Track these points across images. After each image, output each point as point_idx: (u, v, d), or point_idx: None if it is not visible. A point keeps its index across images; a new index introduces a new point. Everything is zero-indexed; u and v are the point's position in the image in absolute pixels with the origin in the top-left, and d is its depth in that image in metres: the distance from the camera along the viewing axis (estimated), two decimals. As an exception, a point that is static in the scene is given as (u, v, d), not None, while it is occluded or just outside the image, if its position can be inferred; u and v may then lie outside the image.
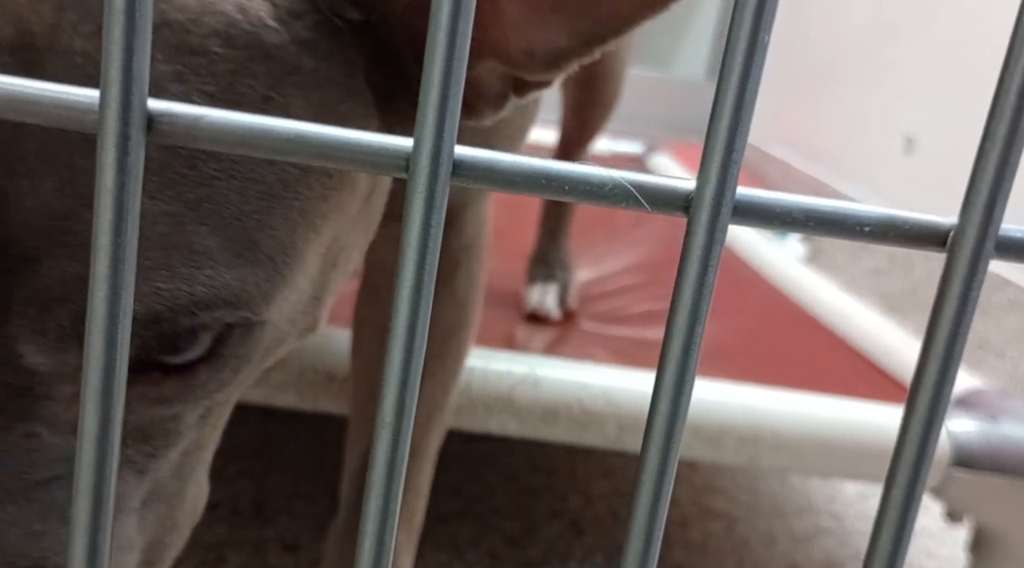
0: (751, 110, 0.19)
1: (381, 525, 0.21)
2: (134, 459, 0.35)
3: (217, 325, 0.33)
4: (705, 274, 0.20)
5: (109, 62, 0.18)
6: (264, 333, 0.36)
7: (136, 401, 0.34)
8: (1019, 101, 0.19)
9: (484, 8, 0.36)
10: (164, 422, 0.36)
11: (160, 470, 0.37)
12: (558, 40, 0.36)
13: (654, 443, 0.21)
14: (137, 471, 0.36)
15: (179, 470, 0.38)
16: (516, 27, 0.36)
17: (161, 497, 0.37)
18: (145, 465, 0.36)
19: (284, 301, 0.37)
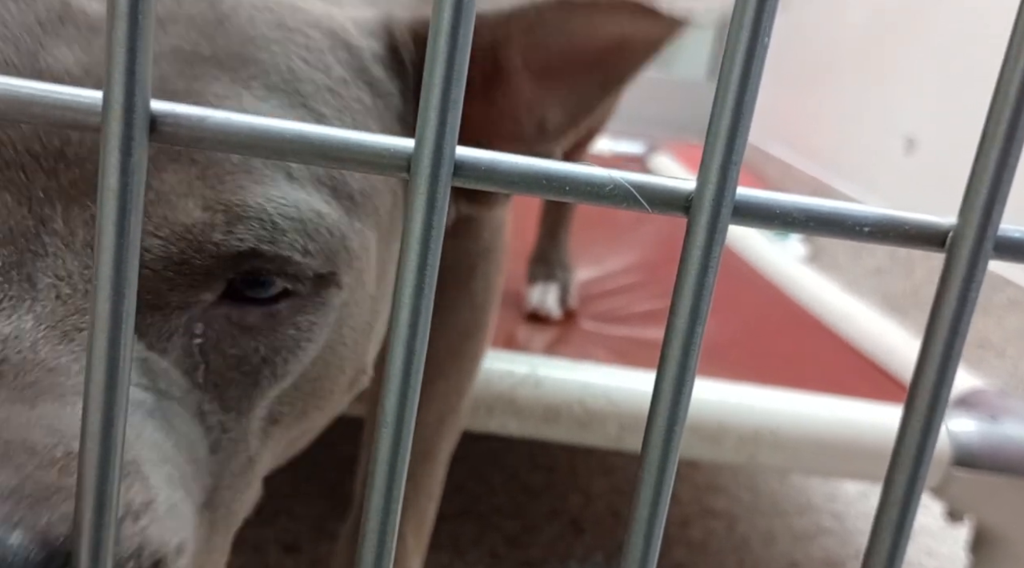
0: (751, 112, 0.19)
1: (382, 524, 0.21)
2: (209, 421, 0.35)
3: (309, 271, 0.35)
4: (705, 274, 0.20)
5: (112, 64, 0.18)
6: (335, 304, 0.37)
7: (222, 328, 0.35)
8: (1017, 103, 0.19)
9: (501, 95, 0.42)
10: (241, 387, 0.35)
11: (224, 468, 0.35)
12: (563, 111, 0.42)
13: (654, 442, 0.21)
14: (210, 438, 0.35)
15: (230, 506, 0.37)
16: (529, 105, 0.42)
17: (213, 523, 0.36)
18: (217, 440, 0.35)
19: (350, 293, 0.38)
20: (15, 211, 0.32)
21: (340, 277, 0.37)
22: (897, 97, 1.74)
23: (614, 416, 0.74)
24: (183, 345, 0.34)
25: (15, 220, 0.32)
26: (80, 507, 0.20)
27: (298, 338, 0.36)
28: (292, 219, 0.34)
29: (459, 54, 0.18)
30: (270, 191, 0.34)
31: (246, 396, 0.36)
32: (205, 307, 0.34)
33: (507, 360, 0.76)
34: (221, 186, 0.33)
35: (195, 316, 0.34)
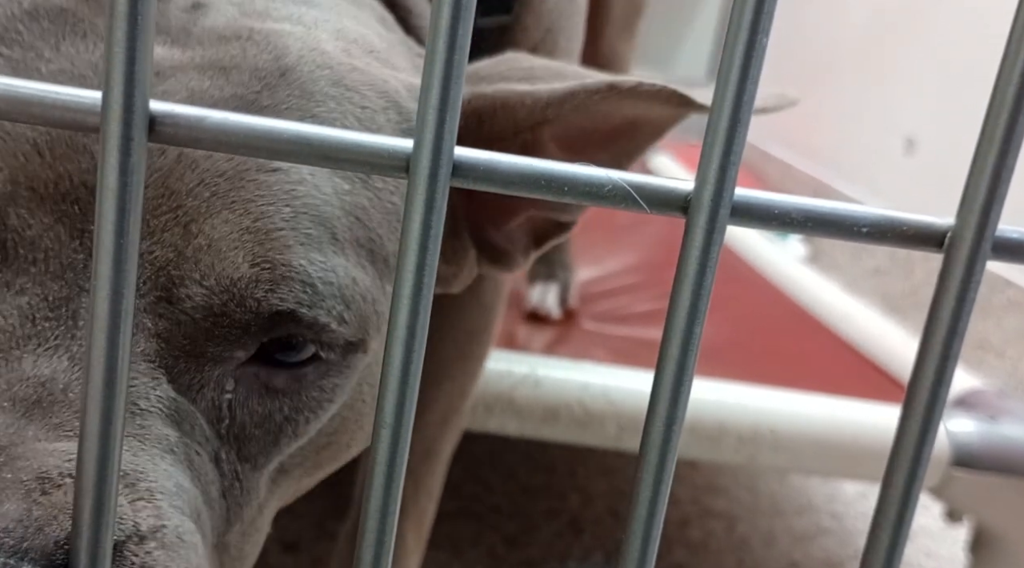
0: (749, 113, 0.19)
1: (381, 523, 0.21)
2: (223, 468, 0.35)
3: (341, 340, 0.35)
4: (703, 275, 0.20)
5: (112, 64, 0.18)
6: (356, 371, 0.37)
7: (251, 387, 0.35)
8: (1015, 104, 0.19)
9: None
10: (259, 443, 0.36)
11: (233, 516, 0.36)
12: None
13: (653, 441, 0.21)
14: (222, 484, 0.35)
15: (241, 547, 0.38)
16: None
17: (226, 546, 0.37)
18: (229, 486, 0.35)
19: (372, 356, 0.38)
20: (67, 244, 0.32)
21: (368, 343, 0.37)
22: (897, 97, 1.74)
23: (613, 416, 0.74)
24: (213, 398, 0.35)
25: (66, 254, 0.32)
26: (77, 521, 0.20)
27: (320, 400, 0.37)
28: (331, 284, 0.34)
29: (457, 54, 0.18)
30: (313, 254, 0.34)
31: (263, 452, 0.36)
32: (238, 364, 0.35)
33: (506, 360, 0.76)
34: (270, 243, 0.33)
35: (227, 372, 0.35)
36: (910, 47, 1.71)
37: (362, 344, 0.37)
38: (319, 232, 0.34)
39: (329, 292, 0.34)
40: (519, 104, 0.41)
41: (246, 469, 0.36)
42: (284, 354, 0.35)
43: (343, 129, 0.35)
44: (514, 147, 0.43)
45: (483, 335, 0.68)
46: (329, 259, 0.34)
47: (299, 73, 0.37)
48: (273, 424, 0.36)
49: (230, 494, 0.36)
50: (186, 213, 0.32)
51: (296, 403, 0.36)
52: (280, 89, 0.36)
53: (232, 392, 0.35)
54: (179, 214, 0.32)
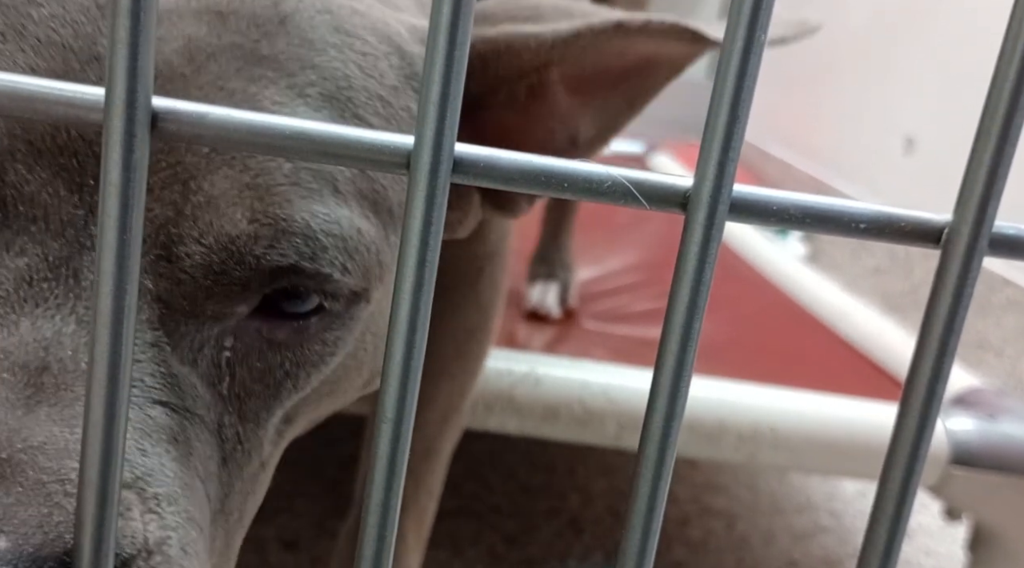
0: (748, 108, 0.20)
1: (382, 520, 0.21)
2: (226, 433, 0.35)
3: (345, 289, 0.35)
4: (702, 271, 0.20)
5: (114, 60, 0.18)
6: (360, 320, 0.37)
7: (252, 343, 0.35)
8: (1012, 99, 0.19)
9: (537, 107, 0.42)
10: (261, 399, 0.35)
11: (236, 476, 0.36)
12: (594, 125, 0.42)
13: (652, 437, 0.21)
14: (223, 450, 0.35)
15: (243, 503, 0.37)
16: (562, 120, 0.42)
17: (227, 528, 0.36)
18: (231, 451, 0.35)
19: (376, 305, 0.38)
20: (67, 200, 0.31)
21: (371, 292, 0.37)
22: (896, 97, 1.74)
23: (613, 415, 0.74)
24: (212, 357, 0.34)
25: (66, 210, 0.31)
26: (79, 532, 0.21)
27: (323, 353, 0.36)
28: (335, 236, 0.34)
29: (458, 50, 0.18)
30: (315, 206, 0.33)
31: (265, 407, 0.36)
32: (239, 320, 0.34)
33: (506, 359, 0.77)
34: (270, 198, 0.32)
35: (228, 329, 0.34)
36: (910, 47, 1.71)
37: (365, 294, 0.36)
38: (321, 185, 0.34)
39: (332, 243, 0.34)
40: (523, 46, 0.40)
41: (248, 429, 0.36)
42: (288, 304, 0.35)
43: (345, 77, 0.36)
44: (520, 89, 0.42)
45: (481, 333, 0.68)
46: (332, 210, 0.34)
47: (298, 19, 0.36)
48: (274, 379, 0.36)
49: (232, 460, 0.35)
50: (185, 170, 0.32)
51: (298, 357, 0.36)
52: (279, 38, 0.35)
53: (231, 349, 0.34)
54: (178, 170, 0.32)
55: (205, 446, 0.34)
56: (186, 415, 0.33)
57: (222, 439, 0.35)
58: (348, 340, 0.37)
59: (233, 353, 0.34)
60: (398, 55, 0.38)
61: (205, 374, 0.34)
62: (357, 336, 0.38)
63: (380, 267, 0.36)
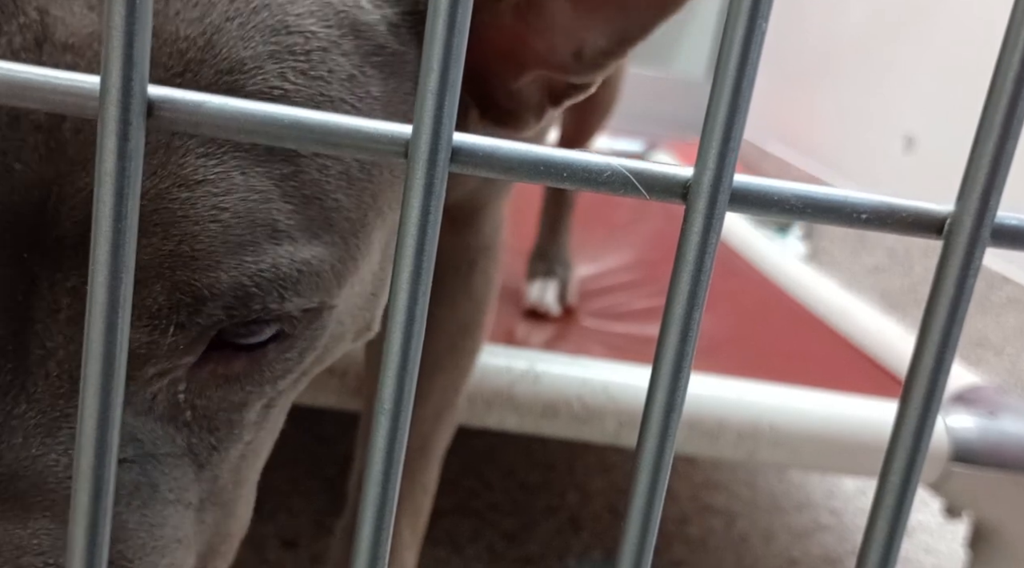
0: (748, 98, 0.19)
1: (379, 514, 0.21)
2: (197, 450, 0.35)
3: (297, 312, 0.34)
4: (702, 261, 0.20)
5: (109, 48, 0.18)
6: (331, 319, 0.36)
7: (207, 380, 0.34)
8: (1015, 88, 0.19)
9: (535, 20, 0.39)
10: (230, 411, 0.35)
11: (219, 468, 0.36)
12: (600, 41, 0.38)
13: (651, 429, 0.21)
14: (198, 464, 0.35)
15: (236, 474, 0.37)
16: (565, 32, 0.38)
17: (218, 501, 0.37)
18: (207, 458, 0.35)
19: (350, 289, 0.37)
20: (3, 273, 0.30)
21: (333, 299, 0.35)
22: (896, 95, 1.74)
23: (612, 412, 0.74)
24: (167, 401, 0.34)
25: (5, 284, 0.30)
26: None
27: (288, 368, 0.36)
28: (270, 280, 0.32)
29: (456, 38, 0.18)
30: (246, 259, 0.32)
31: (237, 415, 0.36)
32: (187, 368, 0.34)
33: (505, 356, 0.76)
34: (194, 264, 0.31)
35: (177, 378, 0.34)
36: (909, 45, 1.71)
37: (324, 305, 0.35)
38: (256, 234, 0.32)
39: (270, 287, 0.32)
40: None
41: (221, 435, 0.35)
42: (241, 338, 0.34)
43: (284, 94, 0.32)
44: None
45: (475, 327, 0.68)
46: (269, 255, 0.32)
47: (227, 36, 0.32)
48: (239, 398, 0.35)
49: (209, 464, 0.35)
50: None
51: (261, 378, 0.35)
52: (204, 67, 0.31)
53: (185, 391, 0.34)
54: None
55: (174, 470, 0.34)
56: (147, 460, 0.33)
57: (194, 454, 0.35)
58: (317, 345, 0.36)
59: (188, 394, 0.34)
60: (352, 35, 0.35)
61: (163, 415, 0.34)
62: (332, 325, 0.37)
63: (338, 278, 0.35)
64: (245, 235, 0.31)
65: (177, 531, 0.34)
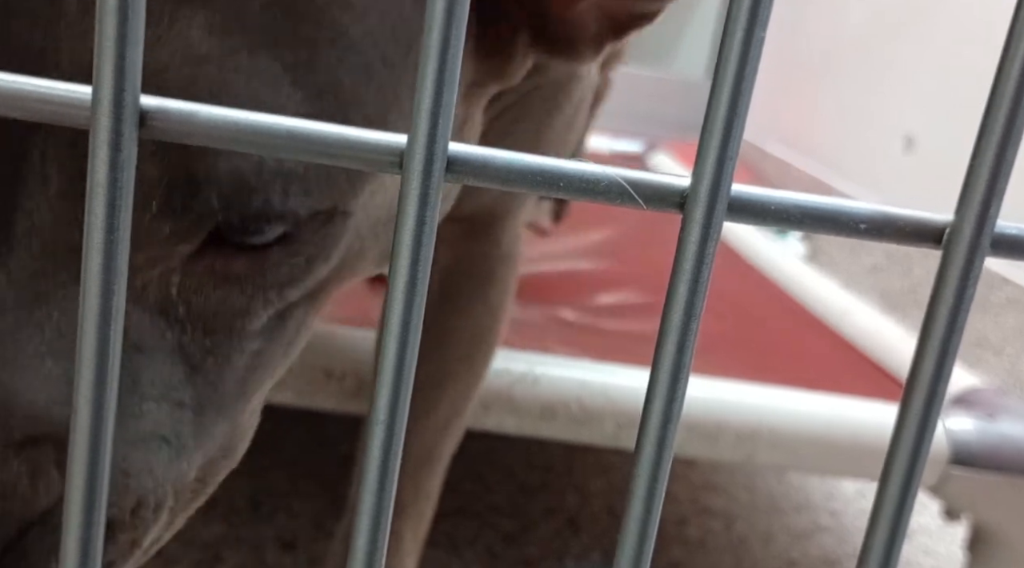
0: (746, 107, 0.19)
1: (374, 522, 0.21)
2: (189, 350, 0.33)
3: (304, 212, 0.31)
4: (700, 271, 0.20)
5: (102, 58, 0.18)
6: (345, 229, 0.34)
7: (204, 277, 0.32)
8: (1016, 96, 0.19)
9: None
10: (230, 315, 0.33)
11: (220, 375, 0.34)
12: None
13: (649, 438, 0.21)
14: (190, 365, 0.33)
15: (243, 386, 0.35)
16: None
17: (223, 410, 0.35)
18: (201, 361, 0.33)
19: (370, 199, 0.35)
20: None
21: (348, 204, 0.33)
22: (896, 96, 1.74)
23: (611, 414, 0.74)
24: (158, 293, 0.32)
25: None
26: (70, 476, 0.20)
27: (293, 276, 0.33)
28: (273, 173, 0.30)
29: (452, 45, 0.18)
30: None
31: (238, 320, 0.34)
32: (182, 260, 0.32)
33: (504, 358, 0.76)
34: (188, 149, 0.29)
35: (170, 269, 0.32)
36: (910, 46, 1.71)
37: (336, 211, 0.33)
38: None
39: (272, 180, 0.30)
40: None
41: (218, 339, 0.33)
42: (241, 237, 0.32)
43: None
44: None
45: (490, 338, 0.67)
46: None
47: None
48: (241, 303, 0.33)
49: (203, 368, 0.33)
50: None
51: (264, 283, 0.33)
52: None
53: (179, 285, 0.32)
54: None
55: (160, 366, 0.32)
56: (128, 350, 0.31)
57: (185, 353, 0.33)
58: (328, 254, 0.34)
59: (182, 288, 0.32)
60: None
61: (153, 307, 0.32)
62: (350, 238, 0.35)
63: (352, 179, 0.33)
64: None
65: (160, 427, 0.32)
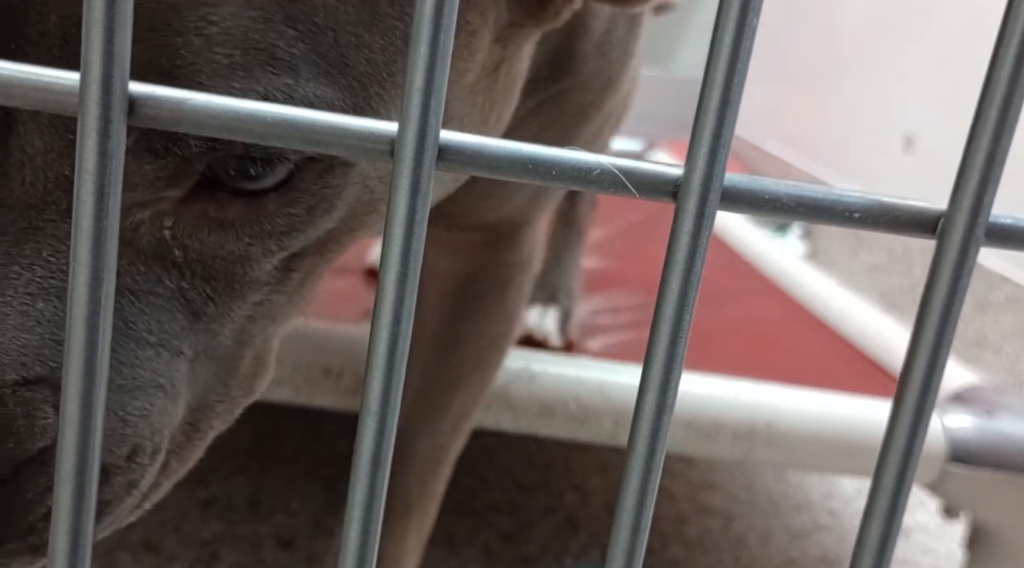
0: (739, 94, 0.19)
1: (366, 517, 0.21)
2: (190, 296, 0.32)
3: (295, 155, 0.30)
4: (693, 260, 0.20)
5: (89, 45, 0.18)
6: (348, 180, 0.33)
7: (199, 221, 0.31)
8: (1008, 88, 0.19)
9: None
10: (230, 261, 0.32)
11: (220, 323, 0.33)
12: None
13: (642, 430, 0.21)
14: (191, 311, 0.32)
15: (241, 334, 0.35)
16: None
17: (217, 356, 0.34)
18: (202, 307, 0.33)
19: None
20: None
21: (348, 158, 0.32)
22: (896, 95, 1.74)
23: (609, 412, 0.74)
24: (151, 236, 0.31)
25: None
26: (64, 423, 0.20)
27: (294, 225, 0.32)
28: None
29: (443, 35, 0.18)
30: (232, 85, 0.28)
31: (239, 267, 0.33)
32: (174, 203, 0.31)
33: (502, 356, 0.76)
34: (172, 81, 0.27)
35: (162, 212, 0.31)
36: (909, 45, 1.71)
37: (335, 161, 0.32)
38: (248, 57, 0.28)
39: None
40: None
41: (219, 286, 0.33)
42: (236, 181, 0.31)
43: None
44: None
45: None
46: (260, 84, 0.28)
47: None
48: (238, 250, 0.32)
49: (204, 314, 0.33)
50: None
51: (260, 232, 0.32)
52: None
53: (172, 228, 0.31)
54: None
55: (157, 312, 0.32)
56: (121, 294, 0.31)
57: (186, 299, 0.32)
58: (331, 205, 0.33)
59: (176, 231, 0.31)
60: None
61: (147, 250, 0.31)
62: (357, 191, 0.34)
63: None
64: (235, 56, 0.28)
65: (157, 376, 0.32)
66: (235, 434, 0.39)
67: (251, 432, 1.01)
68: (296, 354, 0.73)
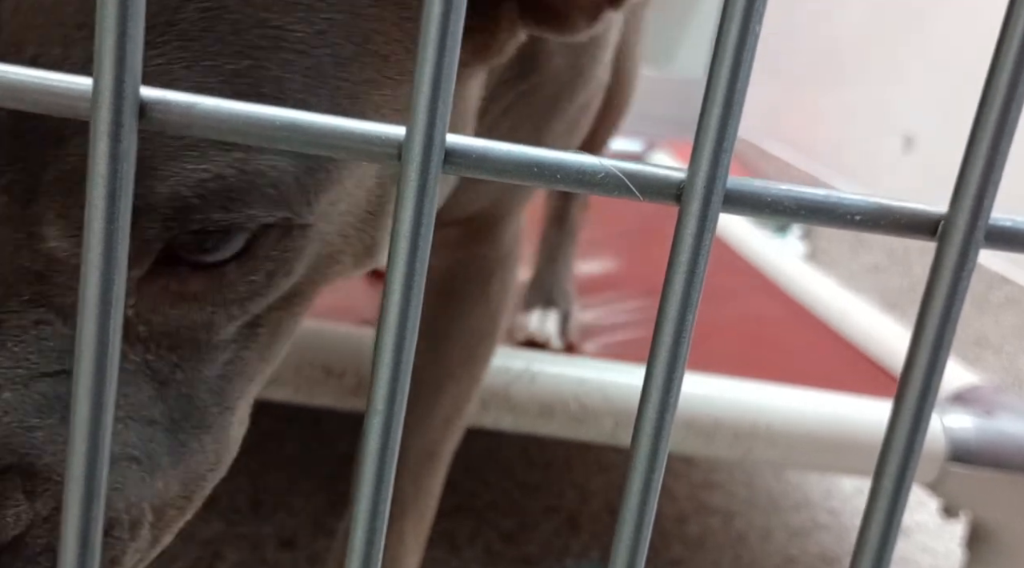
0: (742, 99, 0.19)
1: (372, 516, 0.21)
2: (155, 367, 0.32)
3: (252, 225, 0.31)
4: (696, 262, 0.20)
5: (102, 50, 0.18)
6: (307, 240, 0.33)
7: (160, 296, 0.32)
8: (1009, 90, 0.19)
9: None
10: (193, 329, 0.33)
11: (192, 388, 0.34)
12: None
13: (645, 430, 0.21)
14: (158, 381, 0.33)
15: (219, 396, 0.35)
16: None
17: (202, 425, 0.34)
18: (170, 376, 0.33)
19: (331, 207, 0.34)
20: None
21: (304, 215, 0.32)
22: (896, 95, 1.74)
23: (609, 412, 0.74)
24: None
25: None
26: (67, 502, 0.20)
27: (255, 290, 0.33)
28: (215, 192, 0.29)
29: (450, 39, 0.18)
30: (186, 167, 0.28)
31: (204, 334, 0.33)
32: (135, 283, 0.31)
33: (502, 356, 0.76)
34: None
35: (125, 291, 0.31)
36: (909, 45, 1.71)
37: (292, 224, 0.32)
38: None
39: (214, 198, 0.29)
40: None
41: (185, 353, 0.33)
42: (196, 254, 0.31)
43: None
44: None
45: (490, 338, 0.67)
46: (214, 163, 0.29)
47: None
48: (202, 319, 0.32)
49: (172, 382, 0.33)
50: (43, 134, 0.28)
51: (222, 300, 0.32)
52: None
53: (135, 307, 0.31)
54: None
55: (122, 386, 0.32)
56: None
57: (152, 370, 0.32)
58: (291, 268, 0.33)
59: (138, 308, 0.32)
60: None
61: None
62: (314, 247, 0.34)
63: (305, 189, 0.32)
64: (186, 138, 0.28)
65: (128, 448, 0.32)
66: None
67: (251, 432, 1.00)
68: (297, 353, 0.73)
